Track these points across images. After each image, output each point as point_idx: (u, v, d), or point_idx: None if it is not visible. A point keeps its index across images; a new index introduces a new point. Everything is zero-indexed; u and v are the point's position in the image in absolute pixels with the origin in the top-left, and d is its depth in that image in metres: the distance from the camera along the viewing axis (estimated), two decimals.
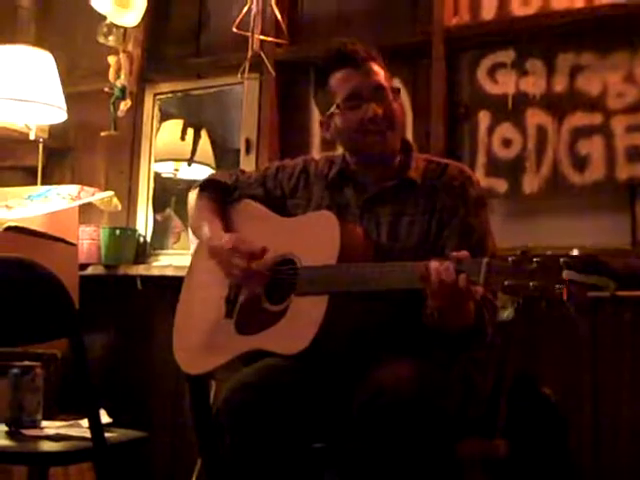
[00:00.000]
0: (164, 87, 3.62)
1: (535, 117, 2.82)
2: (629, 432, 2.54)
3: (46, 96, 3.28)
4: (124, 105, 3.43)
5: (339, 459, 1.82)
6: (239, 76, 3.19)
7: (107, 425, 2.03)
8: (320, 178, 2.05)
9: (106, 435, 1.84)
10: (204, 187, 2.18)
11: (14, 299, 1.78)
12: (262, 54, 3.17)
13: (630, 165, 2.66)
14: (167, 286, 3.03)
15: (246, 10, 3.17)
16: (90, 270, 3.38)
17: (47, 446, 1.90)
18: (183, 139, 3.78)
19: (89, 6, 3.31)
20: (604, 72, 2.73)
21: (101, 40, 3.41)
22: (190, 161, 3.82)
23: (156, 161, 3.64)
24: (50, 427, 2.09)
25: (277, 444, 1.73)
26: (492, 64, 2.91)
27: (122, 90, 3.42)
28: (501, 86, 2.89)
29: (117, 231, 3.42)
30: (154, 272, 3.35)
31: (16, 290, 1.78)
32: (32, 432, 2.01)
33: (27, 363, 2.11)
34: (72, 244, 3.17)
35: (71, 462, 2.43)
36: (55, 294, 1.79)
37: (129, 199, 3.57)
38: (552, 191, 2.76)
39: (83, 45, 3.67)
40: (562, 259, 1.44)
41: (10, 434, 2.01)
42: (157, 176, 3.66)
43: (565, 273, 1.43)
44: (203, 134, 3.79)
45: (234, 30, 3.17)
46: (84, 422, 2.01)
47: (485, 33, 2.93)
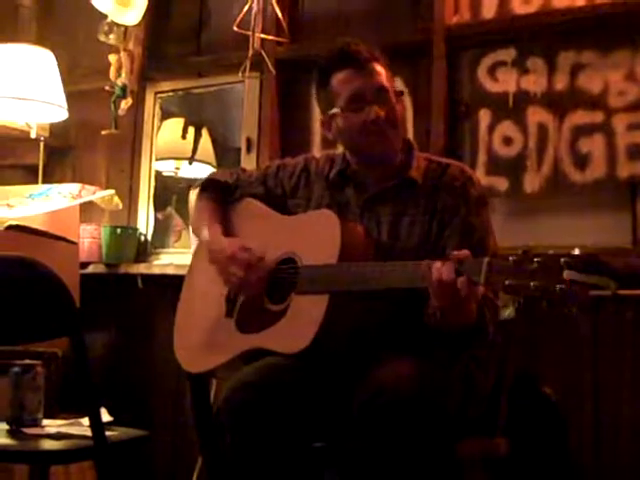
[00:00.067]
0: (165, 86, 3.62)
1: (536, 115, 2.81)
2: (630, 431, 2.54)
3: (47, 95, 3.28)
4: (125, 104, 3.43)
5: (339, 458, 1.82)
6: (240, 75, 3.19)
7: (108, 424, 2.04)
8: (321, 177, 2.05)
9: (107, 434, 1.84)
10: (205, 187, 2.18)
11: (15, 298, 1.77)
12: (263, 53, 3.18)
13: (631, 163, 2.65)
14: (168, 285, 3.03)
15: (247, 9, 3.17)
16: (91, 269, 3.38)
17: (48, 445, 1.90)
18: (184, 138, 3.79)
19: (90, 5, 3.31)
20: (605, 70, 2.72)
21: (102, 39, 3.42)
22: (191, 160, 3.82)
23: (157, 160, 3.64)
24: (51, 426, 2.09)
25: (277, 443, 1.74)
26: (493, 62, 2.91)
27: (123, 89, 3.43)
28: (502, 84, 2.89)
29: (118, 230, 3.42)
30: (155, 271, 3.35)
31: (17, 289, 1.78)
32: (33, 431, 2.01)
33: (28, 362, 2.11)
34: (73, 243, 3.17)
35: (72, 461, 2.42)
36: (56, 293, 1.78)
37: (130, 198, 3.57)
38: (553, 190, 2.76)
39: (84, 44, 3.67)
40: (563, 259, 1.44)
41: (11, 433, 2.01)
42: (158, 175, 3.66)
43: (566, 273, 1.43)
44: (204, 133, 3.80)
45: (235, 29, 3.17)
46: (85, 421, 2.01)
47: (486, 31, 2.93)
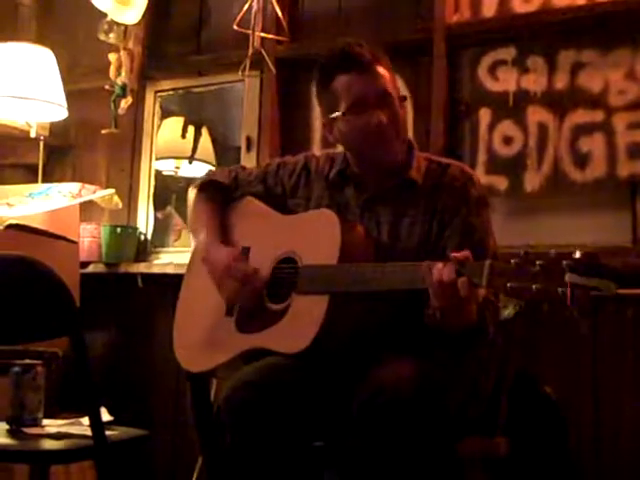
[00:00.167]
0: (165, 84, 3.62)
1: (536, 114, 2.81)
2: (630, 430, 2.54)
3: (47, 94, 3.28)
4: (125, 103, 3.43)
5: (339, 458, 1.81)
6: (240, 73, 3.19)
7: (108, 423, 2.03)
8: (320, 177, 2.04)
9: (107, 433, 1.84)
10: (203, 187, 2.16)
11: (15, 297, 1.77)
12: (263, 51, 3.17)
13: (631, 162, 2.65)
14: (168, 284, 3.03)
15: (247, 7, 3.17)
16: (91, 268, 3.38)
17: (48, 444, 1.90)
18: (184, 137, 3.79)
19: (90, 4, 3.31)
20: (605, 69, 2.72)
21: (102, 38, 3.42)
22: (191, 159, 3.82)
23: (157, 159, 3.64)
24: (51, 425, 2.09)
25: (277, 442, 1.73)
26: (493, 61, 2.91)
27: (123, 88, 3.42)
28: (502, 83, 2.89)
29: (118, 229, 3.42)
30: (155, 270, 3.35)
31: (17, 288, 1.78)
32: (33, 430, 2.01)
33: (28, 361, 2.11)
34: (73, 242, 3.17)
35: (72, 460, 2.42)
36: (56, 292, 1.78)
37: (130, 197, 3.57)
38: (553, 189, 2.76)
39: (84, 43, 3.67)
40: (565, 262, 1.43)
41: (11, 432, 2.01)
42: (158, 174, 3.66)
43: (568, 276, 1.43)
44: (204, 132, 3.80)
45: (235, 27, 3.17)
46: (85, 420, 2.01)
47: (486, 30, 2.93)
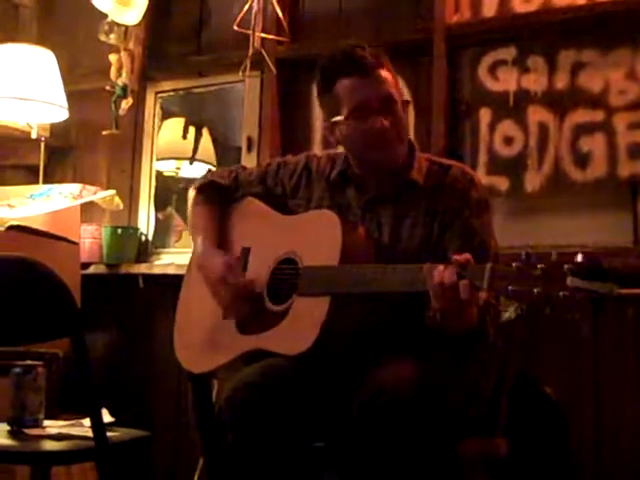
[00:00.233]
0: (165, 85, 3.62)
1: (536, 114, 2.81)
2: (631, 431, 2.53)
3: (48, 95, 3.28)
4: (125, 103, 3.43)
5: (339, 458, 1.82)
6: (240, 74, 3.18)
7: (109, 424, 2.03)
8: (321, 177, 2.03)
9: (108, 434, 1.84)
10: (202, 189, 2.16)
11: (16, 298, 1.78)
12: (263, 52, 3.17)
13: (632, 162, 2.65)
14: (169, 285, 3.02)
15: (247, 8, 3.16)
16: (92, 269, 3.38)
17: (49, 445, 1.90)
18: (185, 137, 3.79)
19: (90, 4, 3.31)
20: (606, 69, 2.72)
21: (102, 38, 3.42)
22: (192, 159, 3.82)
23: (158, 159, 3.64)
24: (52, 426, 2.09)
25: (278, 443, 1.73)
26: (493, 61, 2.91)
27: (123, 88, 3.42)
28: (502, 83, 2.88)
29: (119, 230, 3.42)
30: (156, 271, 3.35)
31: (18, 289, 1.78)
32: (34, 431, 2.01)
33: (29, 362, 2.10)
34: (74, 243, 3.17)
35: (73, 461, 2.42)
36: (57, 293, 1.79)
37: (131, 198, 3.56)
38: (554, 189, 2.75)
39: (84, 43, 3.67)
40: (566, 266, 1.43)
41: (12, 433, 2.01)
42: (159, 174, 3.66)
43: (569, 280, 1.42)
44: (205, 132, 3.80)
45: (235, 28, 3.16)
46: (86, 421, 2.01)
47: (486, 30, 2.92)
